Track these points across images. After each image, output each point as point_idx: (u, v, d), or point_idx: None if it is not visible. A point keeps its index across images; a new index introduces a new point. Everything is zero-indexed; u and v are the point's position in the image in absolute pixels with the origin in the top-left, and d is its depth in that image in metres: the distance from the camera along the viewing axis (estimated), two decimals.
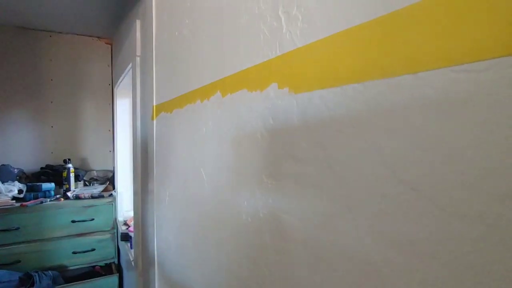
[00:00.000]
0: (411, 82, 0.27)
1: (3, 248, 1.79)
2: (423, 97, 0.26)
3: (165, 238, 1.06)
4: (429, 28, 0.26)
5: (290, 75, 0.42)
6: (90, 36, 2.51)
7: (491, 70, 0.22)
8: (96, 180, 2.38)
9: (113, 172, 2.46)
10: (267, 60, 0.46)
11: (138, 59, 1.45)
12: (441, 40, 0.25)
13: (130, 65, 1.63)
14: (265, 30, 0.47)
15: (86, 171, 2.41)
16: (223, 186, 0.62)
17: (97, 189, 2.20)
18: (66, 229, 1.95)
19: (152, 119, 1.15)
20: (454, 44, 0.24)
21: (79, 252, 1.98)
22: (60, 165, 2.24)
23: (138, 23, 1.44)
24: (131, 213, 1.98)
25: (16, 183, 2.00)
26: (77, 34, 2.45)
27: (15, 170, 2.12)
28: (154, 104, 1.13)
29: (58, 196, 2.05)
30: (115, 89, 2.45)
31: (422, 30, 0.26)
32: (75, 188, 2.18)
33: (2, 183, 1.96)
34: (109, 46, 2.62)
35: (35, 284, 1.73)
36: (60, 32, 2.38)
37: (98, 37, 2.56)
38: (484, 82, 0.22)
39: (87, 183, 2.36)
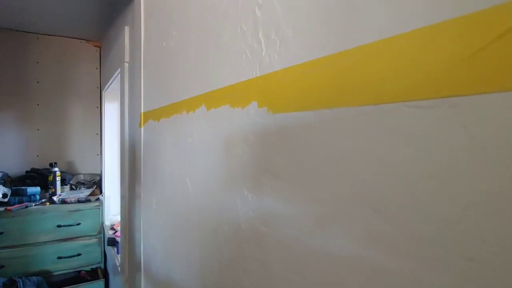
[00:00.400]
0: (372, 112, 0.30)
1: None
2: (382, 126, 0.29)
3: (151, 244, 1.06)
4: (387, 64, 0.28)
5: (269, 96, 0.44)
6: (78, 38, 2.50)
7: (436, 108, 0.25)
8: (83, 184, 2.36)
9: (100, 176, 2.44)
10: (249, 79, 0.49)
11: (126, 65, 1.46)
12: (397, 76, 0.28)
13: (118, 70, 1.63)
14: (246, 51, 0.49)
15: (73, 175, 2.39)
16: (207, 196, 0.64)
17: (84, 193, 2.18)
18: (51, 234, 1.93)
19: (140, 126, 1.16)
20: (408, 82, 0.27)
21: (65, 257, 1.96)
22: (46, 168, 2.21)
23: (127, 29, 1.45)
24: (119, 218, 1.98)
25: (1, 187, 1.97)
26: (65, 37, 2.44)
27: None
28: (142, 111, 1.14)
29: (43, 200, 2.02)
30: (103, 92, 2.44)
31: (381, 65, 0.29)
32: (61, 192, 2.16)
33: None
34: (98, 49, 2.61)
35: None
36: (47, 34, 2.36)
37: (86, 40, 2.54)
38: (430, 118, 0.25)
39: (73, 187, 2.33)
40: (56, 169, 2.13)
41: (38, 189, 2.04)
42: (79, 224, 2.00)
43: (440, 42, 0.25)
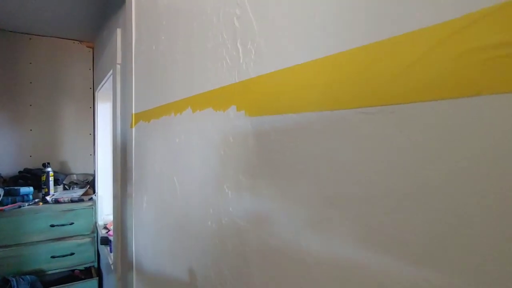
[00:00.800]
0: (330, 117, 0.34)
1: None
2: (338, 129, 0.33)
3: (142, 242, 1.09)
4: (341, 76, 0.32)
5: (246, 100, 0.48)
6: (71, 39, 2.51)
7: (379, 114, 0.28)
8: (76, 184, 2.38)
9: (93, 175, 2.46)
10: (229, 85, 0.52)
11: (118, 66, 1.48)
12: (350, 86, 0.31)
13: (111, 72, 1.66)
14: (227, 58, 0.53)
15: (66, 175, 2.40)
16: (192, 194, 0.67)
17: (77, 193, 2.19)
18: (45, 233, 1.94)
19: (131, 126, 1.19)
20: (358, 91, 0.31)
21: (58, 257, 1.97)
22: (39, 168, 2.23)
23: (119, 32, 1.47)
24: (111, 217, 2.00)
25: None
26: (58, 37, 2.45)
27: None
28: (133, 112, 1.17)
29: (36, 200, 2.04)
30: (96, 93, 2.45)
31: (339, 76, 0.33)
32: (54, 192, 2.18)
33: None
34: (91, 49, 2.62)
35: None
36: (40, 35, 2.37)
37: (79, 41, 2.55)
38: (375, 122, 0.29)
39: (66, 187, 2.35)
40: (49, 169, 2.15)
41: (31, 189, 2.05)
42: (72, 223, 2.02)
43: (379, 57, 0.28)
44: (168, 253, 0.83)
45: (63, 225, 1.99)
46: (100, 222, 2.15)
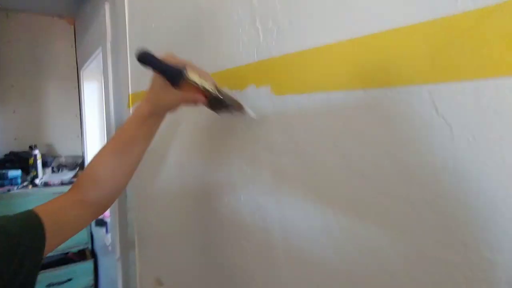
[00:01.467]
0: (361, 96, 0.35)
1: None
2: (368, 108, 0.35)
3: (146, 221, 1.11)
4: (372, 56, 0.34)
5: (268, 79, 0.49)
6: (50, 15, 2.38)
7: (414, 92, 0.31)
8: (65, 166, 2.33)
9: (82, 157, 2.42)
10: (246, 64, 0.53)
11: (109, 44, 1.43)
12: (381, 66, 0.33)
13: (99, 49, 1.60)
14: (244, 37, 0.53)
15: (54, 158, 2.35)
16: (206, 171, 0.69)
17: (67, 175, 2.16)
18: None
19: (129, 106, 1.17)
20: (389, 71, 0.32)
21: None
22: (25, 151, 2.17)
23: (107, 7, 1.41)
24: None
25: None
26: (36, 13, 2.31)
27: None
28: (130, 92, 1.15)
29: (25, 183, 1.99)
30: (81, 72, 2.37)
31: (367, 56, 0.34)
32: (43, 175, 2.13)
33: None
34: (72, 26, 2.50)
35: None
36: (17, 11, 2.23)
37: (59, 16, 2.42)
38: (411, 101, 0.31)
39: (55, 169, 2.30)
40: (37, 151, 2.09)
41: (19, 172, 2.00)
42: None
43: (412, 39, 0.30)
44: (180, 229, 0.84)
45: None
46: None
